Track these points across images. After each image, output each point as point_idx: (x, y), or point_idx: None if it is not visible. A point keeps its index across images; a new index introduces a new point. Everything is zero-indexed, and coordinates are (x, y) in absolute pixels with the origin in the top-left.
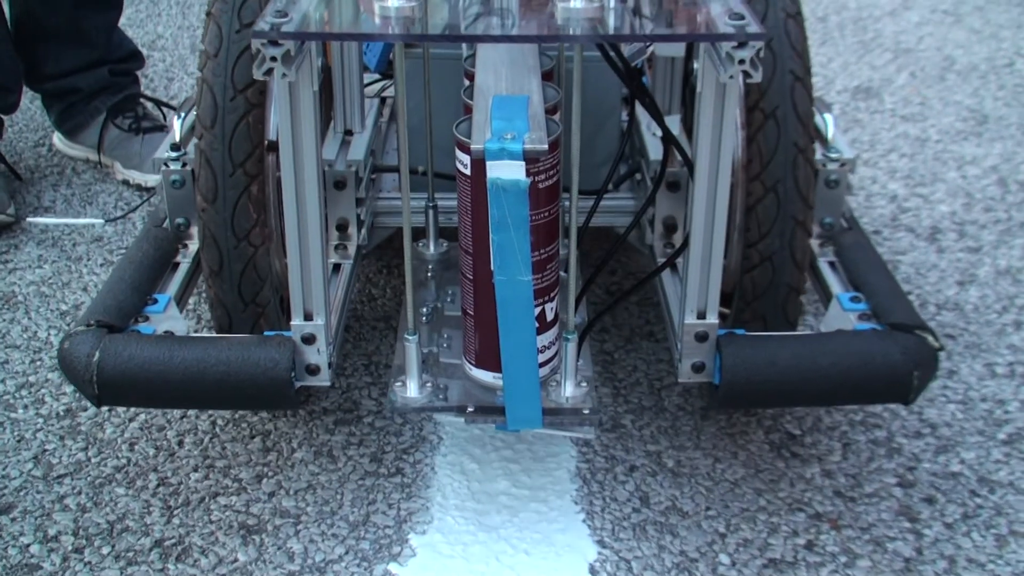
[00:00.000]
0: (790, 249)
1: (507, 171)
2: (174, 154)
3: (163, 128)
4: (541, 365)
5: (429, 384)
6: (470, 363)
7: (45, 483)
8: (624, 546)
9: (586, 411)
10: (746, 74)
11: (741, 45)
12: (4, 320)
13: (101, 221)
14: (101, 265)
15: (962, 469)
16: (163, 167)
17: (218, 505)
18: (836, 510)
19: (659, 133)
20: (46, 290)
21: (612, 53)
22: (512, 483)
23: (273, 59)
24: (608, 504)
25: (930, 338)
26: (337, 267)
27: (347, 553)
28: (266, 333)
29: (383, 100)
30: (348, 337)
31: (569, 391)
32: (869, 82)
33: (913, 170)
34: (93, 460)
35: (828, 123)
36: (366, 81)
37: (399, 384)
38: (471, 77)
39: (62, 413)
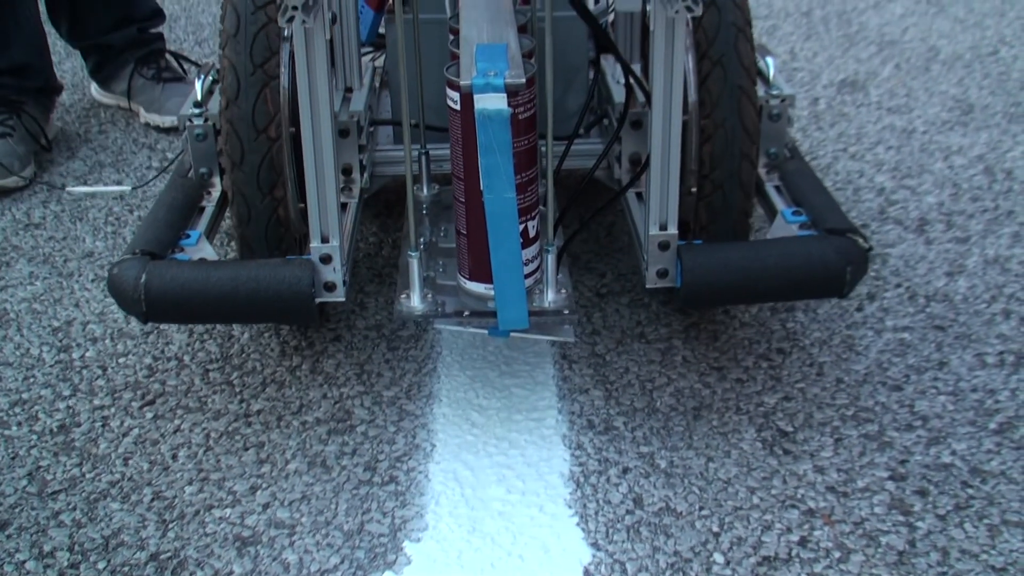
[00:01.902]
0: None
1: (492, 102)
2: (197, 111)
3: (182, 79)
4: (526, 276)
5: (430, 296)
6: (464, 278)
7: (40, 499)
8: (618, 548)
9: (566, 312)
10: (689, 8)
11: None
12: None
13: (129, 188)
14: (92, 281)
15: (954, 460)
16: (187, 123)
17: (213, 518)
18: (829, 505)
19: (623, 81)
20: (38, 307)
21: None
22: (506, 489)
23: (295, 8)
24: (602, 507)
25: (860, 240)
26: (344, 207)
27: (342, 562)
28: (288, 257)
29: (375, 69)
30: (340, 347)
31: (551, 297)
32: (855, 75)
33: (900, 162)
34: (87, 476)
35: (770, 65)
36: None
37: (403, 296)
38: (456, 32)
39: (56, 429)
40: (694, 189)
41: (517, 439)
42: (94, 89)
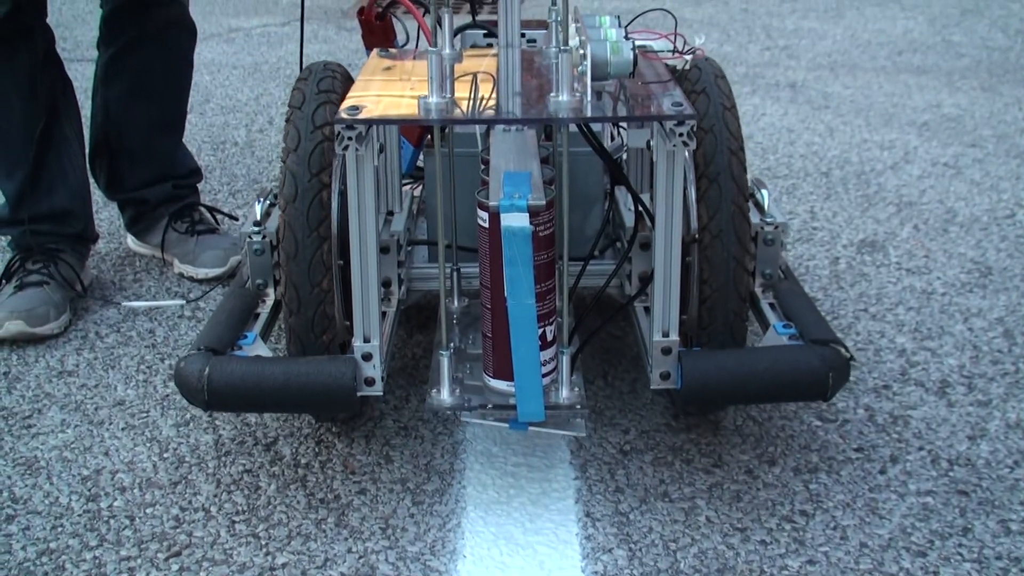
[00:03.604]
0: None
1: (516, 220)
2: (256, 229)
3: (215, 230)
4: (543, 375)
5: (457, 390)
6: (488, 376)
7: None
8: None
9: (578, 407)
10: (684, 143)
11: (680, 123)
12: (26, 485)
13: (183, 302)
14: (123, 429)
15: None
16: (248, 239)
17: None
18: None
19: (633, 208)
20: (68, 455)
21: (596, 141)
22: None
23: (350, 138)
24: None
25: (842, 350)
26: (383, 315)
27: None
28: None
29: (412, 196)
30: (365, 500)
31: (565, 394)
32: (874, 235)
33: (920, 323)
34: None
35: (765, 196)
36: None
37: (434, 391)
38: (486, 162)
39: None
40: (697, 236)
41: None
42: (130, 240)
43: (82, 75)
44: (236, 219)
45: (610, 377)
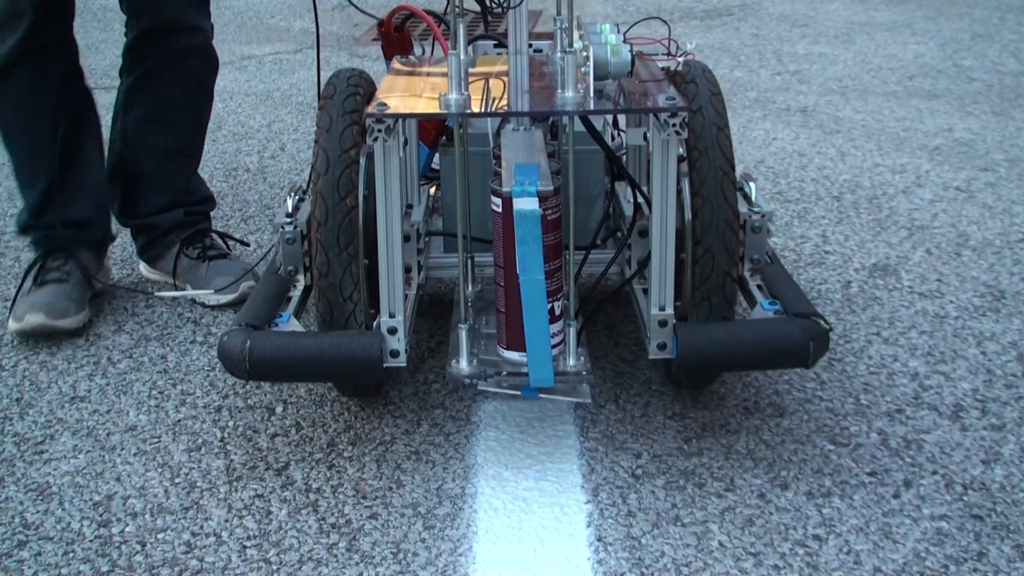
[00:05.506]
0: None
1: (527, 204)
2: (288, 219)
3: (227, 256)
4: (552, 346)
5: (475, 362)
6: (502, 348)
7: None
8: None
9: (583, 373)
10: (678, 132)
11: (673, 115)
12: (38, 511)
13: (212, 291)
14: (134, 454)
15: None
16: (280, 229)
17: None
18: None
19: (631, 200)
20: (80, 480)
21: (598, 134)
22: None
23: (379, 131)
24: None
25: (822, 322)
26: (405, 297)
27: None
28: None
29: (429, 194)
30: (376, 524)
31: (571, 362)
32: (886, 259)
33: (933, 347)
34: None
35: (752, 188)
36: None
37: (453, 362)
38: (497, 157)
39: None
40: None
41: None
42: (143, 267)
43: (96, 102)
44: (248, 245)
45: (622, 401)
